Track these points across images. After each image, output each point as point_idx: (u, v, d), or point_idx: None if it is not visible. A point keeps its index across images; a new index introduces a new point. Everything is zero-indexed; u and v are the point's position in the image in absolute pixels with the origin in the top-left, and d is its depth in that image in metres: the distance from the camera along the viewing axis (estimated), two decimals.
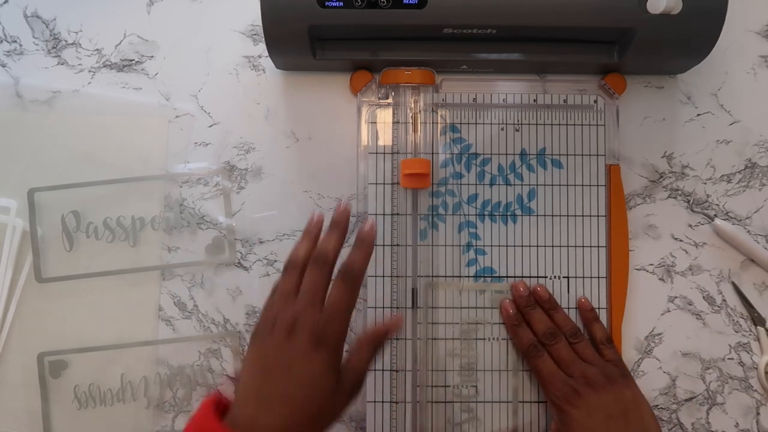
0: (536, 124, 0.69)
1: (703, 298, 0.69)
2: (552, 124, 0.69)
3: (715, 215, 0.69)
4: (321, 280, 0.53)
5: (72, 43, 0.71)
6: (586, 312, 0.67)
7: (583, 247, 0.68)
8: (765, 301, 0.69)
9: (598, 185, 0.68)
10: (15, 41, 0.71)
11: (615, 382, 0.62)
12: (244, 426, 0.49)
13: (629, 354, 0.68)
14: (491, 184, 0.69)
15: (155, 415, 0.68)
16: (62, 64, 0.71)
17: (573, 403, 0.61)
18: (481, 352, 0.68)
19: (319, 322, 0.51)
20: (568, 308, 0.68)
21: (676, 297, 0.69)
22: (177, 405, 0.68)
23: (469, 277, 0.68)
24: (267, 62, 0.70)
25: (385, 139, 0.68)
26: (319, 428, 0.51)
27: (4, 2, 0.72)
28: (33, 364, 0.68)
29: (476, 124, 0.69)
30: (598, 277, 0.68)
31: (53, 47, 0.71)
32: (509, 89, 0.69)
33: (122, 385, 0.68)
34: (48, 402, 0.68)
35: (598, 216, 0.68)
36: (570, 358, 0.64)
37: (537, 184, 0.69)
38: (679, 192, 0.70)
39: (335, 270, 0.55)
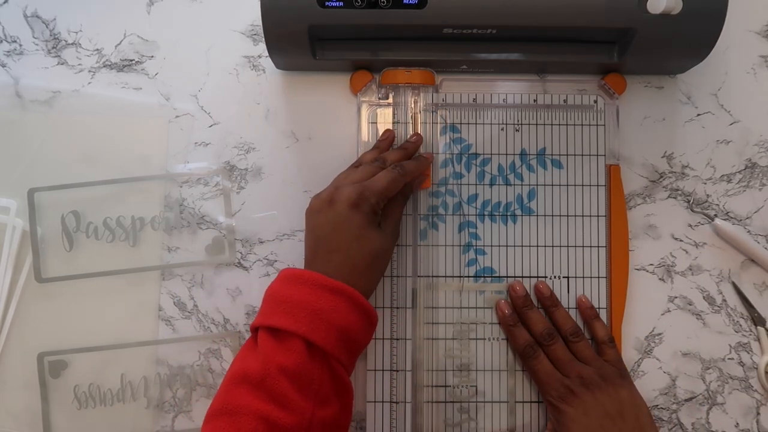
0: (536, 124, 0.69)
1: (703, 298, 0.69)
2: (552, 124, 0.69)
3: (715, 215, 0.69)
4: (370, 172, 0.62)
5: (72, 43, 0.71)
6: (586, 310, 0.67)
7: (583, 247, 0.68)
8: (765, 301, 0.69)
9: (598, 185, 0.69)
10: (15, 41, 0.71)
11: (611, 383, 0.62)
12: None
13: (629, 354, 0.68)
14: (491, 184, 0.69)
15: (155, 415, 0.68)
16: (62, 64, 0.71)
17: (569, 402, 0.62)
18: (480, 352, 0.68)
19: (355, 192, 0.59)
20: (568, 308, 0.68)
21: (676, 297, 0.69)
22: (177, 405, 0.68)
23: (469, 277, 0.68)
24: (267, 62, 0.70)
25: None
26: (377, 268, 0.61)
27: (4, 2, 0.72)
28: (33, 364, 0.68)
29: (476, 124, 0.69)
30: (598, 277, 0.68)
31: (53, 47, 0.71)
32: (509, 89, 0.69)
33: (122, 385, 0.68)
34: (48, 402, 0.68)
35: (598, 216, 0.68)
36: (567, 359, 0.64)
37: (537, 184, 0.69)
38: (679, 192, 0.70)
39: None
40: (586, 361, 0.64)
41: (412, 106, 0.68)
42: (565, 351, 0.65)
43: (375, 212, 0.60)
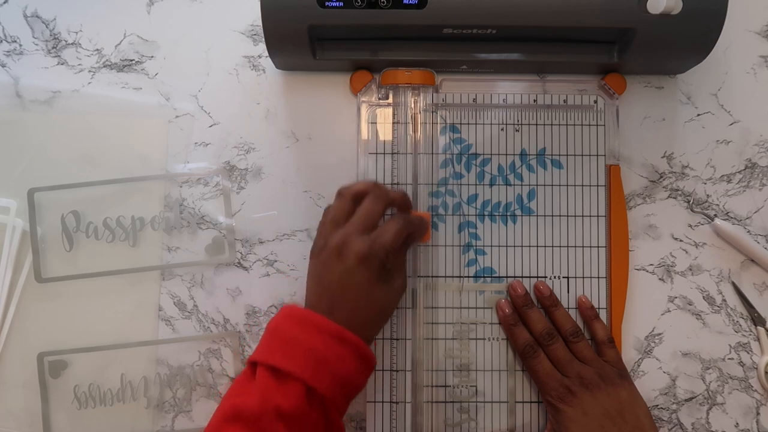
0: (536, 125, 0.69)
1: (703, 298, 0.69)
2: (552, 125, 0.69)
3: (715, 215, 0.69)
4: (375, 210, 0.60)
5: (72, 43, 0.71)
6: (586, 310, 0.67)
7: (583, 247, 0.68)
8: (765, 301, 0.69)
9: (598, 185, 0.68)
10: (15, 41, 0.71)
11: (611, 383, 0.62)
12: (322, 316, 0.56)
13: (629, 354, 0.68)
14: (491, 185, 0.69)
15: (155, 415, 0.68)
16: (62, 64, 0.71)
17: (568, 402, 0.62)
18: (480, 352, 0.68)
19: (365, 247, 0.57)
20: (568, 308, 0.68)
21: (676, 297, 0.69)
22: (177, 405, 0.68)
23: (468, 277, 0.68)
24: (267, 62, 0.70)
25: (385, 139, 0.69)
26: (382, 319, 0.61)
27: (4, 2, 0.72)
28: (33, 364, 0.68)
29: (476, 124, 0.69)
30: (598, 278, 0.68)
31: (53, 47, 0.71)
32: (509, 89, 0.69)
33: (122, 385, 0.68)
34: (48, 402, 0.68)
35: (598, 216, 0.68)
36: (567, 358, 0.64)
37: (537, 185, 0.69)
38: (679, 192, 0.70)
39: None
40: (586, 362, 0.64)
41: (412, 106, 0.68)
42: (565, 351, 0.65)
43: (384, 267, 0.58)
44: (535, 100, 0.69)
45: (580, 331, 0.66)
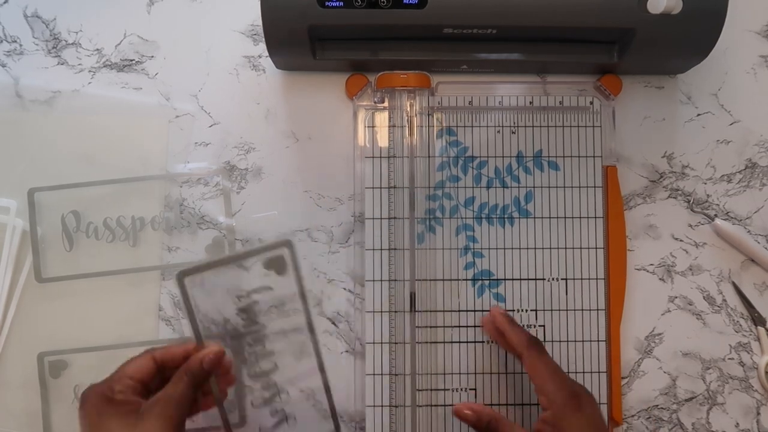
0: (532, 126, 0.69)
1: (704, 298, 0.69)
2: (548, 126, 0.69)
3: (716, 215, 0.69)
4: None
5: (72, 43, 0.71)
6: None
7: (581, 248, 0.68)
8: (765, 301, 0.69)
9: (595, 187, 0.68)
10: (15, 41, 0.72)
11: None
12: None
13: (629, 354, 0.68)
14: (488, 187, 0.69)
15: None
16: (62, 64, 0.71)
17: None
18: (478, 355, 0.68)
19: None
20: (567, 310, 0.68)
21: (676, 297, 0.69)
22: None
23: (466, 280, 0.68)
24: (267, 62, 0.70)
25: (382, 142, 0.68)
26: None
27: (4, 2, 0.72)
28: (33, 364, 0.68)
29: (472, 126, 0.69)
30: (597, 279, 0.68)
31: (53, 47, 0.71)
32: (505, 92, 0.69)
33: None
34: (48, 402, 0.68)
35: (595, 218, 0.68)
36: None
37: (534, 187, 0.68)
38: (679, 192, 0.70)
39: None
40: None
41: (408, 109, 0.68)
42: None
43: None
44: (531, 102, 0.69)
45: None
